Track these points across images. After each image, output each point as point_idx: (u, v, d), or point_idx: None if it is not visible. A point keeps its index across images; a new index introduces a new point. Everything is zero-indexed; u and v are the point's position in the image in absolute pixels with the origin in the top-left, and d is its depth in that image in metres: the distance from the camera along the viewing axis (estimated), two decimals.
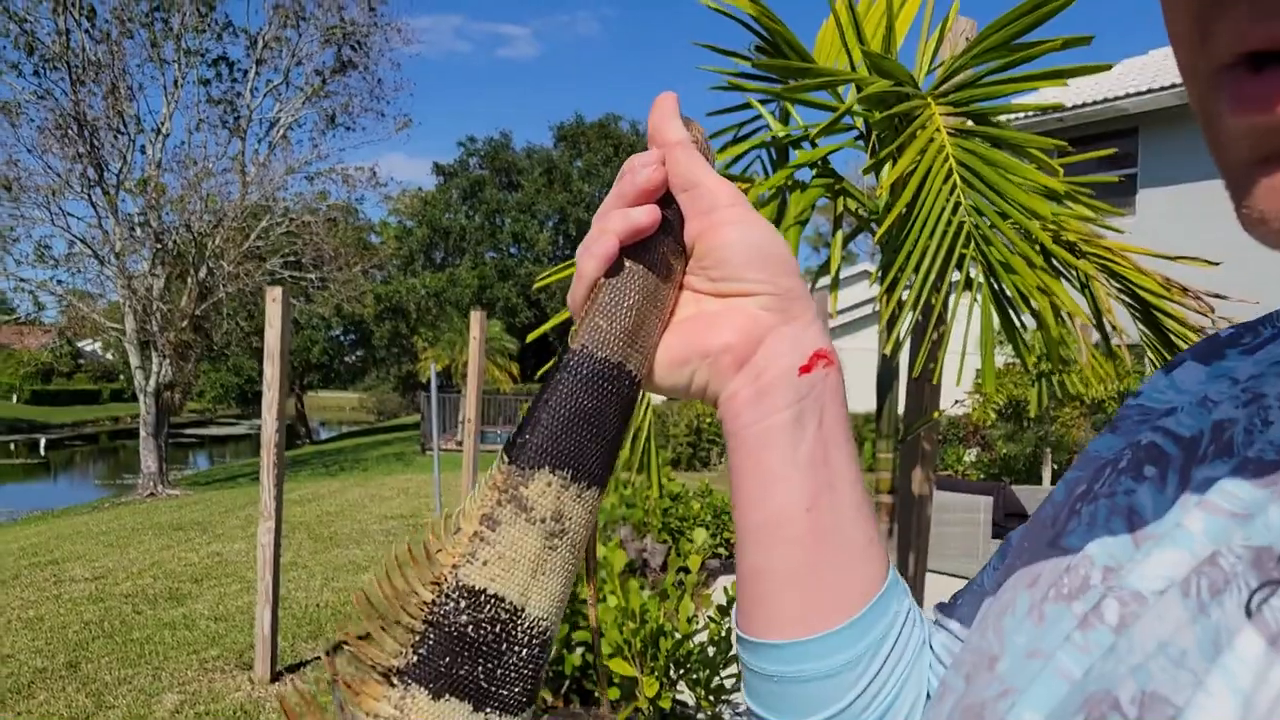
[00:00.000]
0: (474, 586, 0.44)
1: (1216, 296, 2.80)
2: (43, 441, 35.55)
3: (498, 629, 0.44)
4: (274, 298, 5.48)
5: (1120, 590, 0.47)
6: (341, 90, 21.92)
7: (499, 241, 38.37)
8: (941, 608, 0.68)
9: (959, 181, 2.47)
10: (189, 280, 19.83)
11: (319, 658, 6.02)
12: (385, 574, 0.47)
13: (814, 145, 3.13)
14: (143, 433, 18.79)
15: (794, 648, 0.59)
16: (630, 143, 40.15)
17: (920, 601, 3.55)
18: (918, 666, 0.62)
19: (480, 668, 0.44)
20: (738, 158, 3.17)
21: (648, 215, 0.55)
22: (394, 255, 32.40)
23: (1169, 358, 2.87)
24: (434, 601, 0.44)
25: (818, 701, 0.60)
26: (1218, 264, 2.94)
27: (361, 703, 0.45)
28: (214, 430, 45.34)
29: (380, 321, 35.25)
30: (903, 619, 0.62)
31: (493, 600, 0.44)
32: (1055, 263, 2.83)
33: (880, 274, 2.67)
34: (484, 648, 0.44)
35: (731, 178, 3.26)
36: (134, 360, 19.27)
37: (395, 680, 0.44)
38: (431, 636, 0.44)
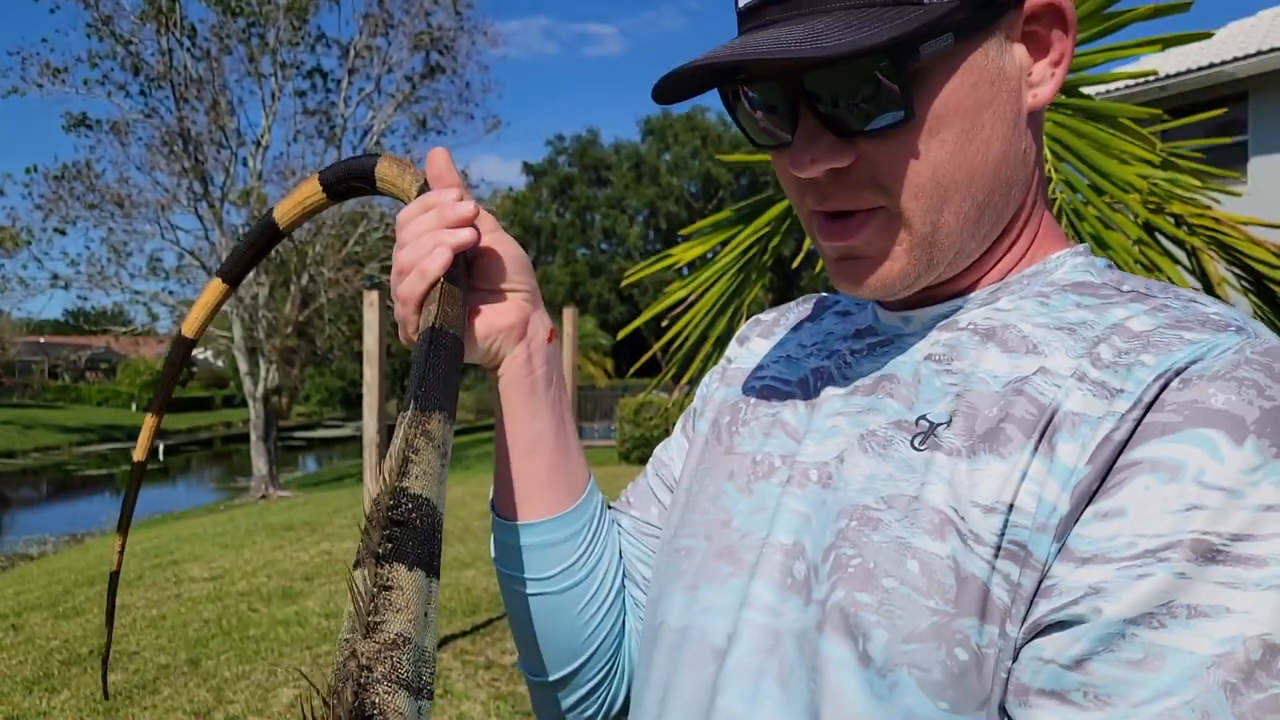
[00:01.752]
0: (415, 493, 0.63)
1: None
2: (161, 447, 37.11)
3: (430, 519, 0.63)
4: (371, 302, 5.61)
5: (805, 463, 0.77)
6: (431, 95, 22.36)
7: (589, 238, 38.65)
8: (616, 504, 1.00)
9: (1049, 156, 2.40)
10: (292, 287, 20.44)
11: None
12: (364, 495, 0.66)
13: None
14: (253, 437, 19.46)
15: (544, 525, 0.89)
16: (718, 134, 40.02)
17: None
18: (610, 535, 0.95)
19: (424, 546, 0.61)
20: None
21: (472, 234, 0.80)
22: None
23: None
24: (393, 505, 0.61)
25: (555, 559, 0.89)
26: None
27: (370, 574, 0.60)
28: (320, 433, 46.65)
29: None
30: (600, 505, 0.94)
31: (425, 501, 0.63)
32: (1161, 237, 2.72)
33: None
34: (424, 532, 0.62)
35: None
36: (242, 367, 19.96)
37: (382, 562, 0.60)
38: (397, 530, 0.61)
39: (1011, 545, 0.63)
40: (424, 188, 0.86)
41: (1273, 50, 11.71)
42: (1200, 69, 11.85)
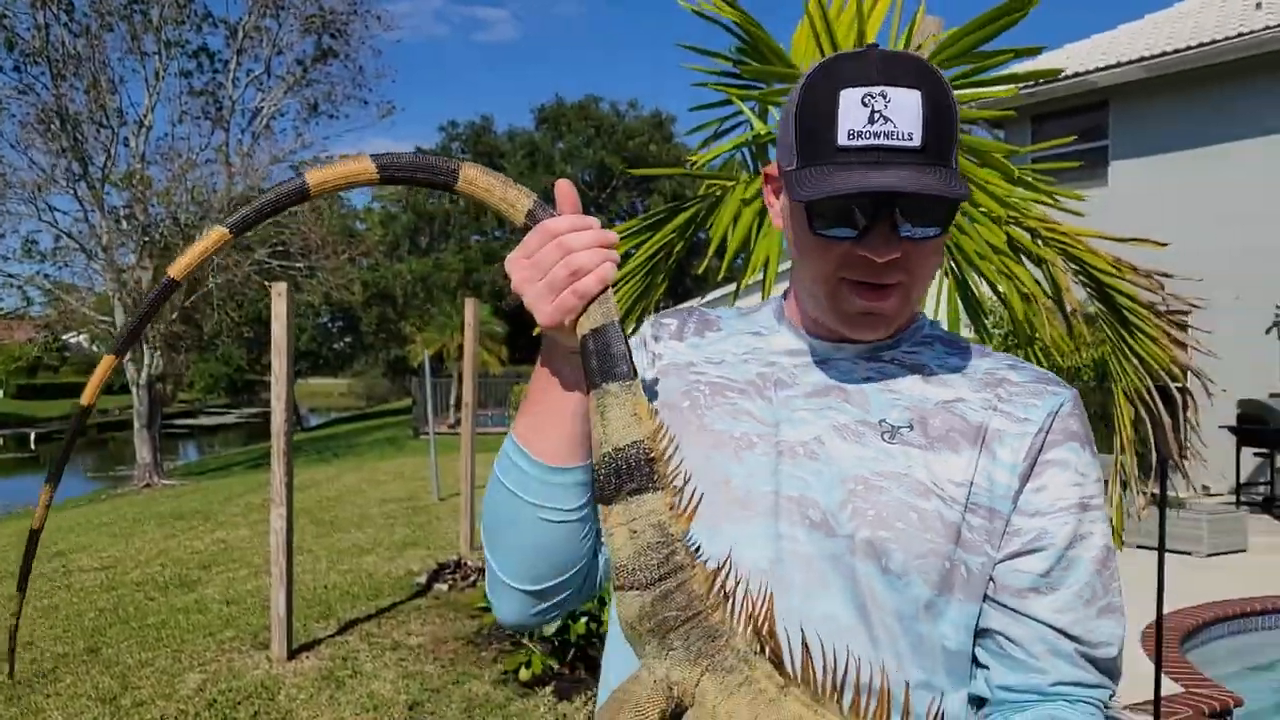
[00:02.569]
0: (621, 443, 0.96)
1: (1163, 275, 3.06)
2: (32, 435, 35.59)
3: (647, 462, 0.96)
4: (279, 292, 5.70)
5: (788, 442, 1.08)
6: (323, 79, 21.99)
7: (483, 224, 38.45)
8: None
9: None
10: None
11: (332, 636, 6.28)
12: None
13: None
14: (136, 425, 18.96)
15: (574, 470, 1.08)
16: (611, 123, 40.21)
17: None
18: None
19: (639, 472, 0.95)
20: (714, 158, 3.40)
21: (616, 257, 1.01)
22: (380, 242, 32.47)
23: (1123, 331, 3.13)
24: (611, 452, 0.96)
25: (583, 493, 1.09)
26: (1166, 245, 3.20)
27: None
28: (203, 420, 45.37)
29: (368, 308, 35.36)
30: None
31: (635, 444, 0.96)
32: (1019, 250, 3.07)
33: None
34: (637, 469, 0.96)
35: (714, 174, 3.50)
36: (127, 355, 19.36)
37: (629, 497, 0.95)
38: (620, 465, 0.96)
39: (974, 505, 1.06)
40: (539, 204, 1.02)
41: (1130, 62, 12.52)
42: (1066, 78, 12.57)
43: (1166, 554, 7.42)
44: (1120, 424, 3.17)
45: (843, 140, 0.99)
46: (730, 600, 0.92)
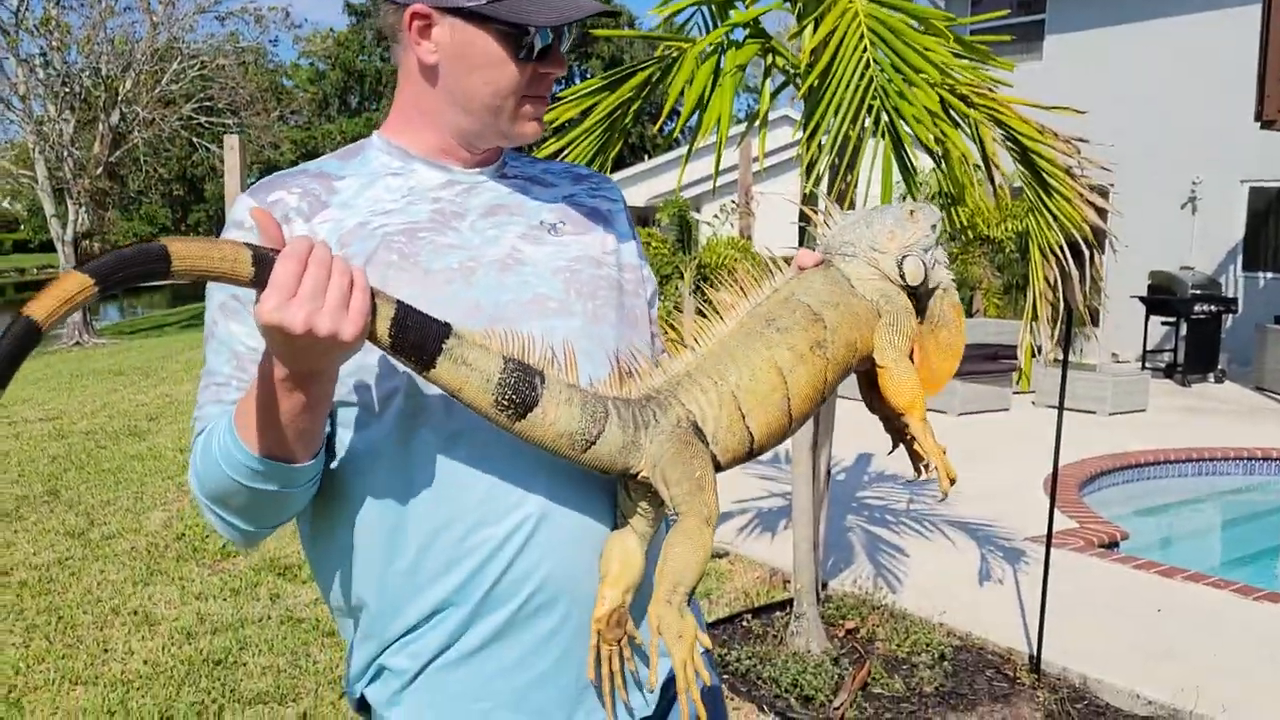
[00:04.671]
0: (499, 370, 1.10)
1: (1080, 140, 3.35)
2: None
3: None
4: (231, 146, 5.75)
5: (496, 257, 1.23)
6: None
7: None
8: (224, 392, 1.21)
9: (869, 44, 2.95)
10: (100, 125, 19.30)
11: None
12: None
13: (747, 7, 3.55)
14: None
15: (317, 460, 1.11)
16: None
17: (832, 424, 4.18)
18: None
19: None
20: (676, 12, 3.57)
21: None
22: (311, 98, 31.51)
23: (1042, 193, 3.44)
24: (500, 380, 1.09)
25: (318, 467, 1.13)
26: (1084, 112, 3.49)
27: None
28: None
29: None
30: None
31: (506, 360, 1.12)
32: (952, 113, 3.32)
33: (803, 123, 3.15)
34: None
35: (671, 34, 3.67)
36: (49, 209, 18.90)
37: (538, 396, 1.11)
38: (516, 382, 1.10)
39: (619, 264, 1.34)
40: (255, 248, 0.97)
41: None
42: None
43: (1073, 413, 7.99)
44: (1035, 277, 3.50)
45: None
46: (628, 378, 1.17)
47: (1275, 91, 9.47)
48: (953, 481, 1.27)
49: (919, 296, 1.28)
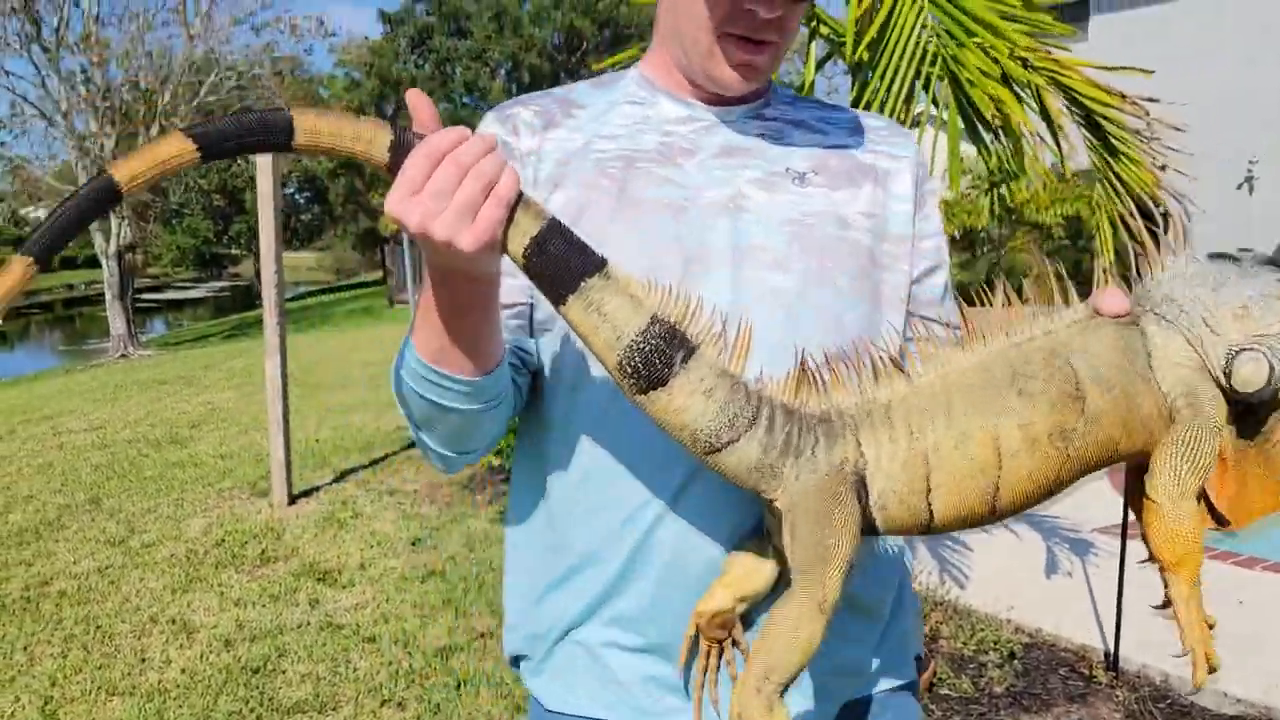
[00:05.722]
0: (640, 327, 0.95)
1: (1150, 100, 3.14)
2: None
3: (660, 331, 0.95)
4: None
5: (714, 200, 1.13)
6: None
7: (450, 91, 37.54)
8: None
9: (926, 5, 2.76)
10: (141, 139, 19.46)
11: (330, 484, 6.45)
12: None
13: None
14: (108, 295, 18.80)
15: (499, 368, 1.03)
16: None
17: None
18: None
19: (672, 350, 0.94)
20: None
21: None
22: (346, 108, 31.63)
23: (1109, 159, 3.22)
24: (636, 339, 0.94)
25: (501, 381, 1.05)
26: (1152, 72, 3.28)
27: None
28: (170, 295, 44.92)
29: (335, 178, 34.74)
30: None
31: (654, 319, 0.95)
32: (1011, 81, 3.13)
33: (855, 95, 2.97)
34: (670, 342, 0.95)
35: None
36: (93, 224, 19.06)
37: (675, 373, 0.93)
38: (656, 346, 0.93)
39: (882, 232, 1.18)
40: (402, 130, 0.89)
41: None
42: None
43: None
44: (1104, 247, 3.29)
45: None
46: (809, 384, 0.95)
47: None
48: (1213, 671, 0.96)
49: (1254, 410, 0.95)
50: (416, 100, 0.90)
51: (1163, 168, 3.23)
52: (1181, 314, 0.93)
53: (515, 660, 1.26)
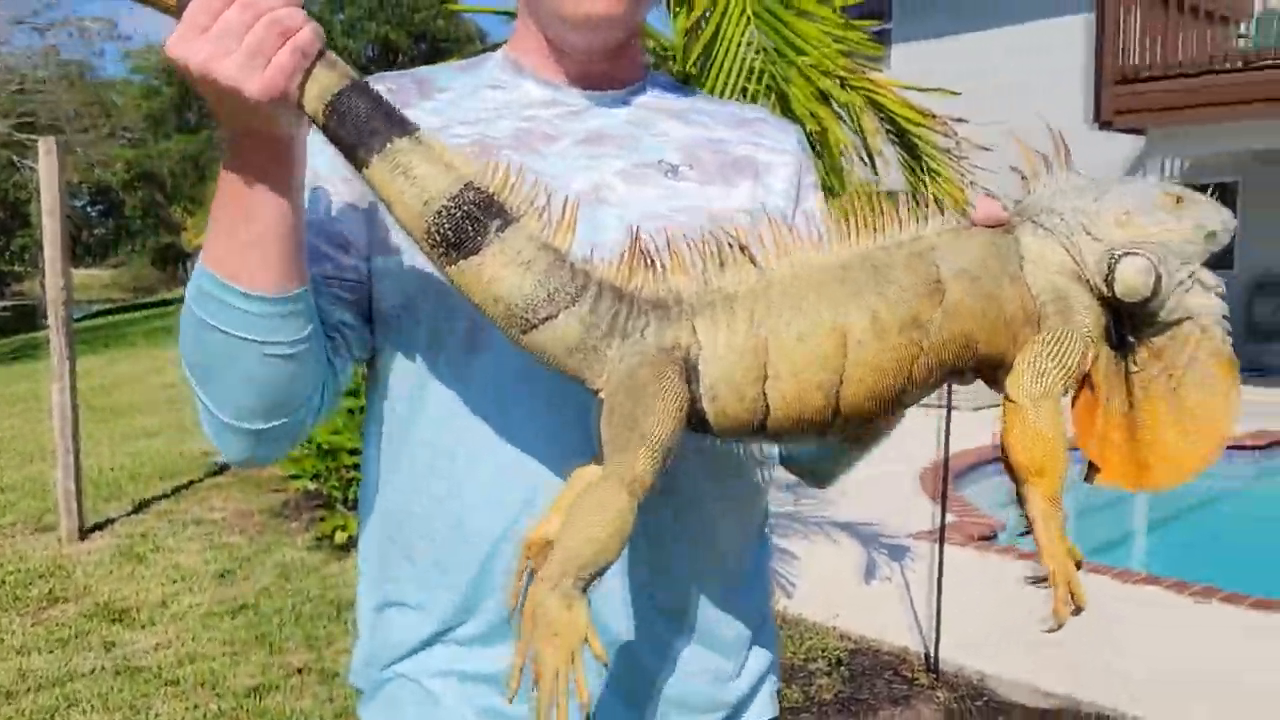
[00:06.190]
0: (453, 190, 0.86)
1: (959, 120, 3.28)
2: None
3: (468, 196, 0.88)
4: (47, 149, 5.24)
5: (578, 191, 0.98)
6: None
7: None
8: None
9: (752, 23, 2.79)
10: None
11: (127, 515, 6.00)
12: None
13: None
14: None
15: (301, 294, 0.93)
16: None
17: None
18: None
19: (488, 218, 0.88)
20: None
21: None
22: (144, 116, 29.94)
23: (919, 173, 3.33)
24: (447, 204, 0.86)
25: (302, 324, 0.93)
26: (959, 93, 3.44)
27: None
28: None
29: (132, 190, 32.75)
30: None
31: (469, 185, 0.87)
32: (830, 100, 3.20)
33: None
34: (482, 208, 0.88)
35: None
36: None
37: (489, 241, 0.87)
38: (467, 212, 0.86)
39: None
40: None
41: None
42: None
43: (935, 408, 8.10)
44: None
45: None
46: (646, 267, 0.89)
47: (1110, 94, 9.89)
48: (1077, 611, 0.88)
49: (1139, 323, 0.90)
50: None
51: (971, 184, 3.38)
52: (1061, 222, 0.89)
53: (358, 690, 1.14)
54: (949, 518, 5.38)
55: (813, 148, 3.21)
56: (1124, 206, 0.88)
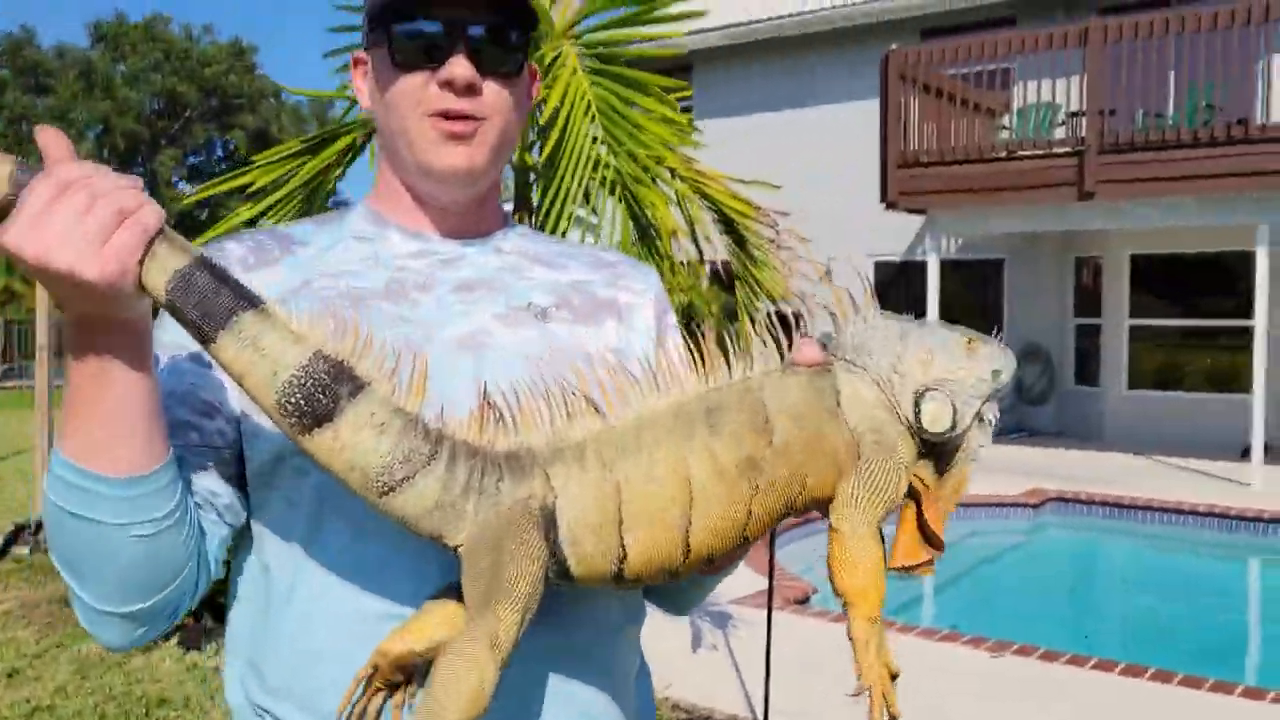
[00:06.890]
0: (301, 360, 0.88)
1: (781, 214, 3.51)
2: None
3: (321, 368, 0.89)
4: None
5: (455, 338, 1.07)
6: None
7: (25, 151, 33.79)
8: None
9: (596, 117, 2.92)
10: None
11: None
12: None
13: None
14: None
15: (163, 468, 0.94)
16: (183, 48, 36.85)
17: None
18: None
19: (338, 386, 0.89)
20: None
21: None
22: None
23: (745, 260, 3.53)
24: (297, 374, 0.88)
25: (163, 501, 0.94)
26: (779, 187, 3.68)
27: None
28: None
29: None
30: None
31: (318, 354, 0.89)
32: (660, 184, 3.35)
33: (540, 197, 3.06)
34: (334, 375, 0.90)
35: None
36: None
37: (342, 408, 0.89)
38: (318, 380, 0.88)
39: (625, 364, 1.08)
40: (22, 165, 0.83)
41: (712, 29, 13.67)
42: (652, 40, 13.51)
43: None
44: (744, 341, 3.59)
45: None
46: (496, 423, 0.93)
47: (894, 177, 10.66)
48: (893, 719, 0.94)
49: (938, 453, 0.98)
50: (48, 138, 0.83)
51: (790, 275, 3.61)
52: (872, 361, 0.97)
53: None
54: (764, 582, 5.62)
55: (649, 233, 3.37)
56: (926, 347, 0.97)
